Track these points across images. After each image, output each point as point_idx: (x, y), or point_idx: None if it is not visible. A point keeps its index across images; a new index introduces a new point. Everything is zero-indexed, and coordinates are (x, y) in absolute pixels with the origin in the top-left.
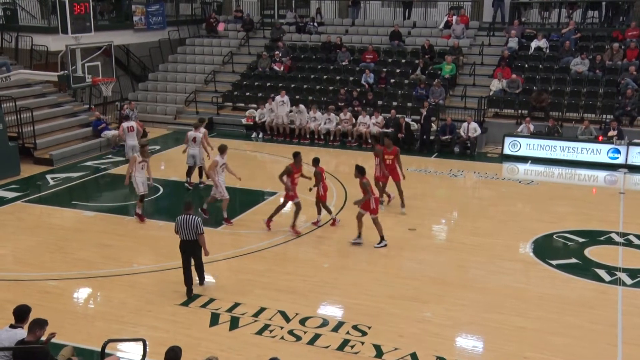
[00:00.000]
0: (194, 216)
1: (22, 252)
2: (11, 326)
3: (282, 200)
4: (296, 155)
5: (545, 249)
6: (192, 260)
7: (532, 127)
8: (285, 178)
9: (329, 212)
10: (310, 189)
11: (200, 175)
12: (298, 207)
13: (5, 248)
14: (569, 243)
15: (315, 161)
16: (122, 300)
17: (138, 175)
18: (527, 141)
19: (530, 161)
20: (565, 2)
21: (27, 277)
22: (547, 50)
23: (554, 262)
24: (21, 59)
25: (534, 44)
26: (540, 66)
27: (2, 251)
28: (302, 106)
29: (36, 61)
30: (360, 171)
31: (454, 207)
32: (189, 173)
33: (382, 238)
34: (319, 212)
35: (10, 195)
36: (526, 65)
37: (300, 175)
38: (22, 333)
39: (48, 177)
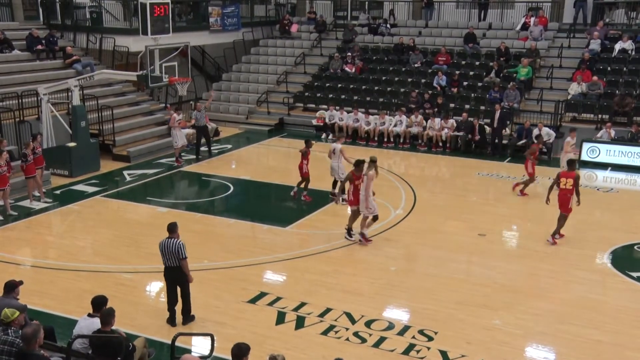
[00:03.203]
0: (176, 240)
1: (100, 245)
2: (89, 315)
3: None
4: (359, 163)
5: (625, 260)
6: (178, 290)
7: (613, 133)
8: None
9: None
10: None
11: (334, 187)
12: (355, 215)
13: (85, 240)
14: None
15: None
16: (192, 295)
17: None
18: (607, 147)
19: (610, 168)
20: None
21: (104, 269)
22: (633, 53)
23: (635, 274)
24: (104, 59)
25: (618, 46)
26: (625, 69)
27: (82, 243)
28: (360, 114)
29: (118, 61)
30: (354, 164)
31: (526, 214)
32: (335, 185)
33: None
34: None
35: (90, 189)
36: (609, 68)
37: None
38: (98, 322)
39: (125, 173)
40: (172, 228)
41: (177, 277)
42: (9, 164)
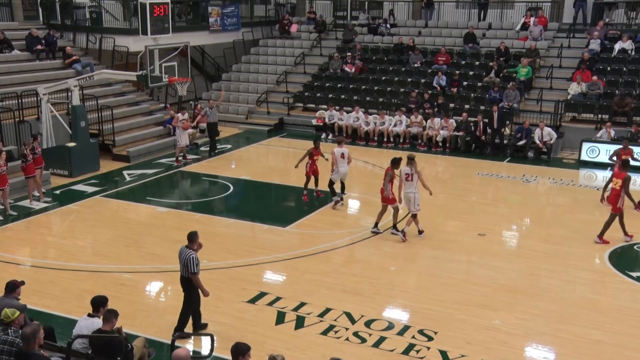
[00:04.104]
0: (189, 252)
1: (100, 245)
2: (89, 315)
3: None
4: (397, 160)
5: (625, 260)
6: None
7: (613, 133)
8: (389, 185)
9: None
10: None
11: (343, 190)
12: (396, 210)
13: (85, 240)
14: None
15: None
16: None
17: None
18: (606, 147)
19: (610, 168)
20: None
21: (103, 269)
22: (633, 52)
23: (635, 274)
24: (104, 59)
25: (617, 46)
26: (625, 69)
27: (82, 243)
28: (361, 113)
29: (117, 61)
30: (392, 162)
31: (526, 214)
32: (343, 189)
33: (376, 224)
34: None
35: (90, 189)
36: (608, 68)
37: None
38: (98, 322)
39: (125, 173)
40: (191, 238)
41: (183, 287)
42: (6, 164)
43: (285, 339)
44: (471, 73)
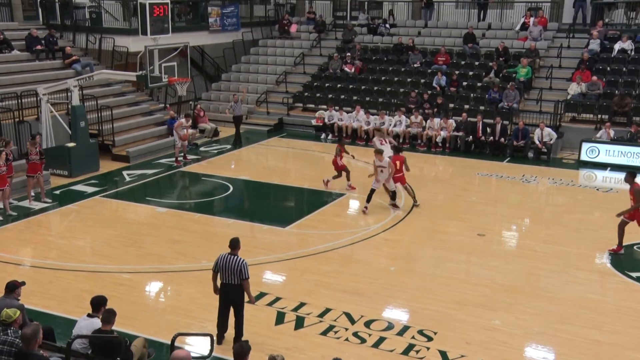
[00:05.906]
0: (239, 257)
1: (99, 245)
2: (88, 315)
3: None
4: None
5: (625, 260)
6: (232, 309)
7: (612, 133)
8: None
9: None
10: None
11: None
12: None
13: (84, 240)
14: None
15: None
16: (191, 295)
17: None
18: (606, 147)
19: (609, 168)
20: None
21: (103, 269)
22: (632, 53)
23: (634, 274)
24: (103, 59)
25: (617, 46)
26: (624, 69)
27: (81, 243)
28: (362, 112)
29: (117, 61)
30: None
31: (525, 214)
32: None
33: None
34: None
35: (90, 190)
36: (608, 69)
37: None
38: (98, 322)
39: (124, 173)
40: (235, 244)
41: (234, 296)
42: (10, 164)
43: (285, 339)
44: (471, 73)
